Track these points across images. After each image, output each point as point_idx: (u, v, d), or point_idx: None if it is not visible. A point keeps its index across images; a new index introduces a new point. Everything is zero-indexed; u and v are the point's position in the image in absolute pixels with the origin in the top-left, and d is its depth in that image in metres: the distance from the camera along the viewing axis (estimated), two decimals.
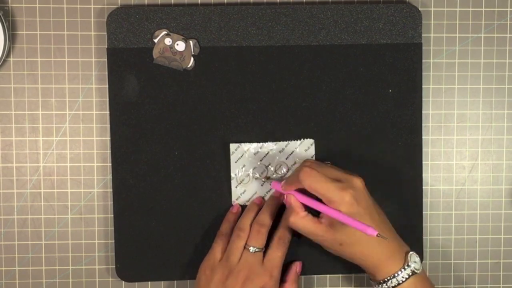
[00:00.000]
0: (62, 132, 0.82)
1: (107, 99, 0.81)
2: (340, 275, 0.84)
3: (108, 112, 0.81)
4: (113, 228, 0.81)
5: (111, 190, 0.81)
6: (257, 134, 0.81)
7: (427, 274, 0.84)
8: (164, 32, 0.80)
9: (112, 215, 0.81)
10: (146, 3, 0.82)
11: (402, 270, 0.73)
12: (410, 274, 0.72)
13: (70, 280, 0.83)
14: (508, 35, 0.83)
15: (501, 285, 0.85)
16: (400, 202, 0.82)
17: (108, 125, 0.81)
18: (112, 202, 0.81)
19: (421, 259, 0.81)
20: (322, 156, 0.81)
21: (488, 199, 0.84)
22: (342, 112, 0.81)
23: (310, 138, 0.81)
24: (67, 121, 0.82)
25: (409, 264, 0.73)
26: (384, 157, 0.81)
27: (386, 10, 0.81)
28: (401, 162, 0.81)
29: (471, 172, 0.84)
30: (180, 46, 0.80)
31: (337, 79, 0.81)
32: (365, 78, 0.81)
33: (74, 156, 0.82)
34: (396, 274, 0.72)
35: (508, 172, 0.84)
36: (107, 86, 0.81)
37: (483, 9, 0.83)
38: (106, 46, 0.80)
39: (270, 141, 0.81)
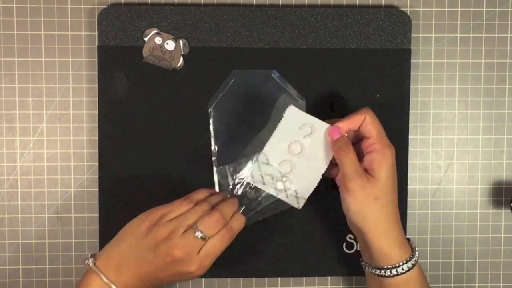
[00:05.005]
0: (39, 131, 0.82)
1: (84, 99, 0.81)
2: (341, 277, 0.84)
3: (84, 112, 0.81)
4: (90, 228, 0.81)
5: (88, 189, 0.81)
6: (245, 135, 0.81)
7: None
8: (154, 31, 0.80)
9: (89, 214, 0.81)
10: (136, 1, 0.82)
11: (408, 260, 0.72)
12: (414, 263, 0.73)
13: (47, 279, 0.83)
14: (484, 35, 0.84)
15: (476, 285, 0.85)
16: None
17: (84, 125, 0.82)
18: (88, 202, 0.81)
19: None
20: None
21: (463, 198, 0.84)
22: (330, 115, 0.81)
23: None
24: (44, 121, 0.82)
25: (413, 255, 0.73)
26: None
27: (376, 15, 0.81)
28: None
29: (447, 171, 0.84)
30: (170, 45, 0.80)
31: (326, 83, 0.81)
32: (353, 83, 0.81)
33: (51, 156, 0.82)
34: (400, 263, 0.72)
35: (484, 172, 0.84)
36: (83, 85, 0.81)
37: (459, 9, 0.83)
38: (97, 44, 0.80)
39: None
